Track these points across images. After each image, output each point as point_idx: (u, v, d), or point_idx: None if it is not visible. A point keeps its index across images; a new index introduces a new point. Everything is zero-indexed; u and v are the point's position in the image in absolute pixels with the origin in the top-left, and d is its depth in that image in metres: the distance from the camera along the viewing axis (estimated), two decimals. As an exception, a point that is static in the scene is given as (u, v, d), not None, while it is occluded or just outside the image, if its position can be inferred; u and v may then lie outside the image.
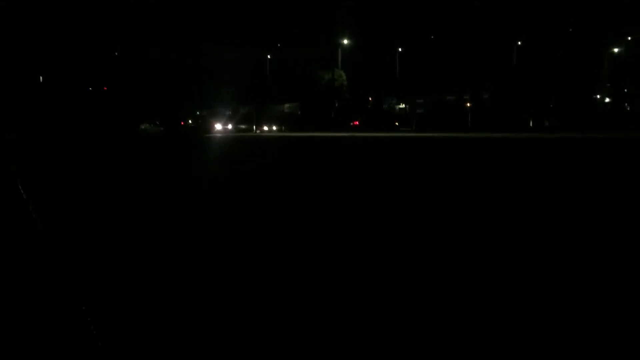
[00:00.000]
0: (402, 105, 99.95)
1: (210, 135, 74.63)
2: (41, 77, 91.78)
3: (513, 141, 41.93)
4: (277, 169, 23.24)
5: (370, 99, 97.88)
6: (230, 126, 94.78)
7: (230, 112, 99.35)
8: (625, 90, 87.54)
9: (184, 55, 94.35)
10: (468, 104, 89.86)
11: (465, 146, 37.10)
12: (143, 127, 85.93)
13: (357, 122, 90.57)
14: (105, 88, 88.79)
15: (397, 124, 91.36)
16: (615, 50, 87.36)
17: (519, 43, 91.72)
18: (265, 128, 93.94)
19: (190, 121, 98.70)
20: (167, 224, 10.40)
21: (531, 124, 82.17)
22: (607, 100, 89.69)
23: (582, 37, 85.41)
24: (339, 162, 24.56)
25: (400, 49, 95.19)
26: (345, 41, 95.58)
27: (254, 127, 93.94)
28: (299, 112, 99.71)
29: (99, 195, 14.71)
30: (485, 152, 31.38)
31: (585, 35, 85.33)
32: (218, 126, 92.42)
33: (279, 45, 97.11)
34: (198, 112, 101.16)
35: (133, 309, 6.04)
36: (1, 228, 10.52)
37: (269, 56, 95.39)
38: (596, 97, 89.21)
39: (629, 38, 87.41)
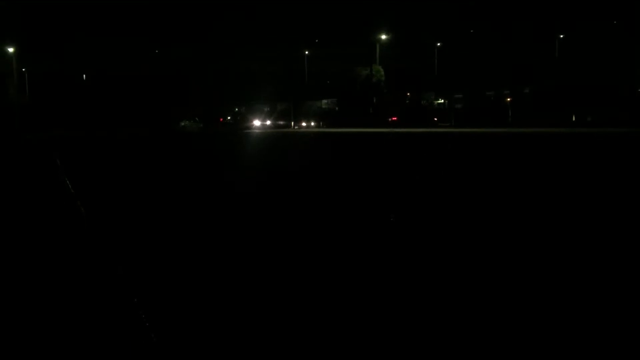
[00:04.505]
0: (441, 101, 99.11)
1: (249, 131, 75.09)
2: (84, 76, 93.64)
3: (558, 136, 41.22)
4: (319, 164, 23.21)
5: (408, 94, 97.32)
6: (268, 122, 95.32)
7: (268, 109, 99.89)
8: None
9: (222, 53, 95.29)
10: (508, 99, 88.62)
11: (515, 142, 36.60)
12: (183, 123, 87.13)
13: (396, 118, 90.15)
14: (147, 87, 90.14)
15: (435, 119, 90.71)
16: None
17: (561, 36, 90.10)
18: (304, 124, 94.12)
19: (229, 117, 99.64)
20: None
21: (573, 119, 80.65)
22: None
23: (625, 29, 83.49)
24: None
25: (438, 44, 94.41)
26: (383, 37, 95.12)
27: (292, 123, 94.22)
28: (337, 108, 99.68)
29: (146, 187, 14.95)
30: (538, 149, 30.90)
31: (628, 27, 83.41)
32: (256, 122, 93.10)
33: (317, 41, 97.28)
34: (237, 109, 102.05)
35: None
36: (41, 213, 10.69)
37: (307, 52, 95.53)
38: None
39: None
